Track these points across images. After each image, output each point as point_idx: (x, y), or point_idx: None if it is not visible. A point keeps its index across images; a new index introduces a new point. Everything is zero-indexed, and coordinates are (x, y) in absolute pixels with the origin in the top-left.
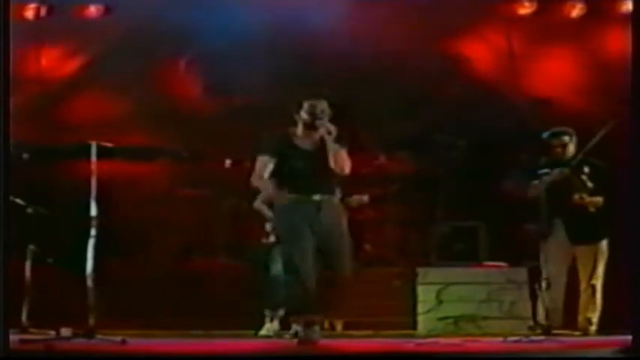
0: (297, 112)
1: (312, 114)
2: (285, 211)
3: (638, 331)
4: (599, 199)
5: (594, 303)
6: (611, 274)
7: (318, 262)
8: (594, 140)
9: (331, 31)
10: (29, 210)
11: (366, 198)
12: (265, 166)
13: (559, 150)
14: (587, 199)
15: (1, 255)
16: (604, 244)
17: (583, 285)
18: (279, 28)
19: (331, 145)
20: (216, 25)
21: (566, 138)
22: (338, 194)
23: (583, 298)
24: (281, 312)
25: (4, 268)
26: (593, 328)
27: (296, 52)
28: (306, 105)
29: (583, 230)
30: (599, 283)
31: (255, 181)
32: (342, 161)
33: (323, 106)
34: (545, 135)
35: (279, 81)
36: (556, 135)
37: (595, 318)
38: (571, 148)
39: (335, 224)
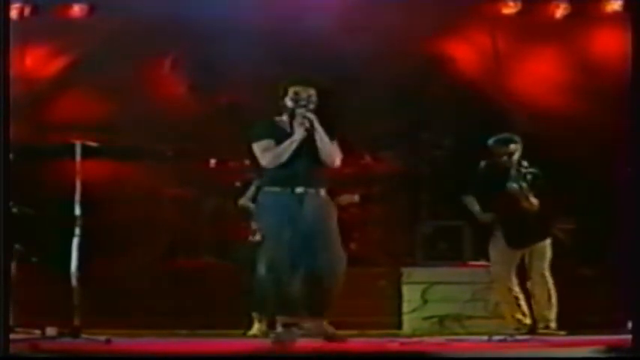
0: (282, 98)
1: (296, 101)
2: (267, 205)
3: (638, 331)
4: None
5: (550, 299)
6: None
7: (301, 260)
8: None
9: (316, 30)
10: (14, 209)
11: (356, 197)
12: (268, 147)
13: (505, 158)
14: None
15: (1, 255)
16: (546, 245)
17: (533, 283)
18: (263, 27)
19: (322, 135)
20: (201, 24)
21: (512, 146)
22: (324, 187)
23: (536, 295)
24: (268, 315)
25: (4, 268)
26: (553, 325)
27: (280, 52)
28: (290, 91)
29: (520, 237)
30: (549, 279)
31: (270, 162)
32: (332, 152)
33: (308, 93)
34: (490, 141)
35: (265, 80)
36: (503, 142)
37: (552, 314)
38: (516, 155)
39: (318, 220)
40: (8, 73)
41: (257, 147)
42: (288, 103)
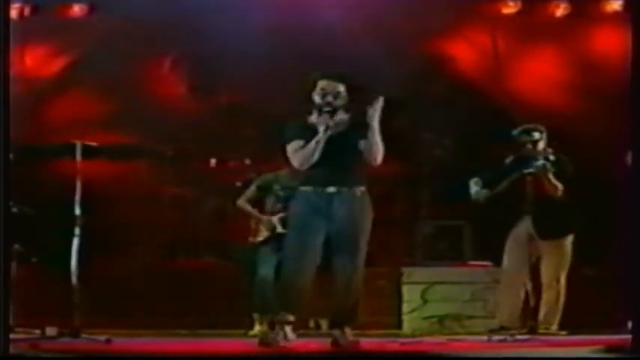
0: (311, 92)
1: (323, 97)
2: (298, 205)
3: (638, 331)
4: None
5: (557, 303)
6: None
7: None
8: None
9: (315, 30)
10: (14, 209)
11: None
12: (298, 148)
13: (529, 146)
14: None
15: (0, 255)
16: (568, 243)
17: (546, 285)
18: (263, 25)
19: (374, 130)
20: (201, 24)
21: (537, 134)
22: (360, 186)
23: (545, 297)
24: (272, 315)
25: (4, 268)
26: (554, 327)
27: (280, 52)
28: (318, 86)
29: (548, 226)
30: (562, 284)
31: (301, 164)
32: (376, 149)
33: (337, 89)
34: (515, 132)
35: (264, 80)
36: (526, 132)
37: (556, 319)
38: (541, 145)
39: (349, 220)
40: (8, 73)
41: (289, 148)
42: (316, 98)
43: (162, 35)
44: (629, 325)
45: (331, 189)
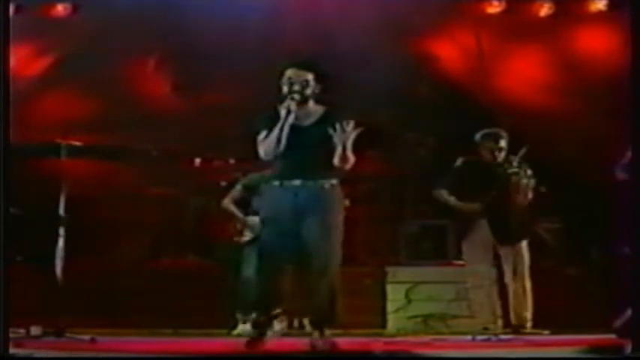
0: (280, 81)
1: (290, 86)
2: (265, 198)
3: (637, 331)
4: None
5: (526, 302)
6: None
7: (296, 257)
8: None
9: (298, 29)
10: None
11: (346, 202)
12: (265, 137)
13: (497, 153)
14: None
15: (1, 255)
16: (525, 246)
17: (512, 285)
18: (246, 26)
19: (347, 149)
20: (185, 23)
21: (503, 142)
22: (329, 179)
23: (512, 297)
24: (253, 315)
25: (4, 268)
26: (528, 325)
27: (261, 52)
28: (285, 75)
29: (506, 231)
30: (527, 281)
31: (265, 154)
32: (346, 163)
33: (304, 77)
34: (478, 136)
35: (250, 79)
36: (492, 136)
37: (529, 315)
38: (504, 152)
39: (315, 214)
40: (8, 74)
41: (258, 139)
42: (284, 88)
43: (146, 34)
44: (616, 324)
45: (296, 182)
